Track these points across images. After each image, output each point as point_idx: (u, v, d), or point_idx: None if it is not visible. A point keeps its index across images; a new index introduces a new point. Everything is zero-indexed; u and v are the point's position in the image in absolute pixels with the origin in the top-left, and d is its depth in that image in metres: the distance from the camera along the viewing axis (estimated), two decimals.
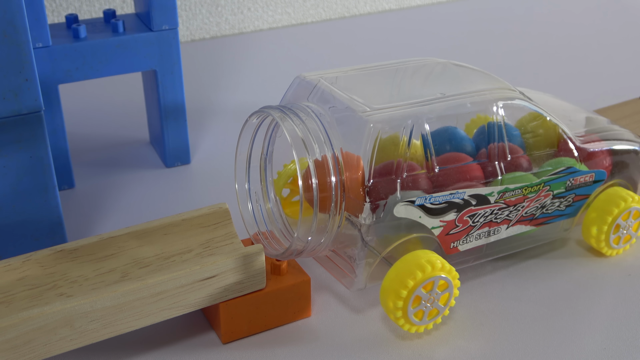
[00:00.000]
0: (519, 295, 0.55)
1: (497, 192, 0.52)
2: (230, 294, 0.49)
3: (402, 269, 0.49)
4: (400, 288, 0.48)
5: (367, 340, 0.51)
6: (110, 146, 0.76)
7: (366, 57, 0.99)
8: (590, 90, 0.89)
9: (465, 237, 0.53)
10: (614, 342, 0.51)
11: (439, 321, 0.51)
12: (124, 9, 1.02)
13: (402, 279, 0.48)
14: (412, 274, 0.48)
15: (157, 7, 0.65)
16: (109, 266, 0.50)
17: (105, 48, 0.65)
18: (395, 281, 0.48)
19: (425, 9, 1.21)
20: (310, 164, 0.49)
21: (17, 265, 0.48)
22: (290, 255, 0.50)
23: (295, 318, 0.52)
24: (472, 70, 0.58)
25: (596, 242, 0.58)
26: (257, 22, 1.10)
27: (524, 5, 1.22)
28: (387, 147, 0.49)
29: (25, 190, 0.54)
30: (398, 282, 0.48)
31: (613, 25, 1.14)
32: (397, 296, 0.48)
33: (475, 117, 0.55)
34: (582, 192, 0.57)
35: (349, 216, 0.49)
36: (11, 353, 0.43)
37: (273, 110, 0.51)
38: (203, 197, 0.67)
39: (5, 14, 0.49)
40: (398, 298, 0.48)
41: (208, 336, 0.51)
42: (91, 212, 0.65)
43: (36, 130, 0.53)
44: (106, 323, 0.46)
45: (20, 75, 0.50)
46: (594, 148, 0.57)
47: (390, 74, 0.57)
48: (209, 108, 0.85)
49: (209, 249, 0.52)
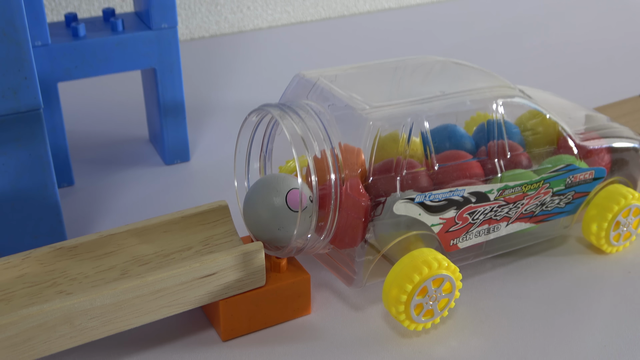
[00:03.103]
0: (518, 292, 0.55)
1: (497, 190, 0.52)
2: (230, 291, 0.49)
3: (408, 264, 0.49)
4: (406, 282, 0.48)
5: (367, 337, 0.51)
6: (109, 144, 0.76)
7: (366, 56, 0.99)
8: (589, 87, 0.89)
9: (464, 235, 0.53)
10: (614, 339, 0.51)
11: (437, 321, 0.51)
12: (123, 8, 1.02)
13: (408, 273, 0.48)
14: (418, 269, 0.48)
15: (156, 5, 0.65)
16: (109, 264, 0.50)
17: (104, 46, 0.65)
18: (400, 275, 0.48)
19: (425, 8, 1.21)
20: (309, 162, 0.49)
21: (16, 263, 0.48)
22: (290, 252, 0.50)
23: (295, 315, 0.52)
24: (472, 68, 0.58)
25: (596, 240, 0.58)
26: (256, 21, 1.10)
27: (524, 4, 1.22)
28: (387, 145, 0.49)
29: (24, 188, 0.54)
30: (403, 276, 0.48)
31: (613, 23, 1.14)
32: (408, 280, 0.48)
33: (475, 114, 0.55)
34: (581, 190, 0.57)
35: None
36: (11, 351, 0.43)
37: (272, 108, 0.51)
38: (202, 194, 0.67)
39: (5, 13, 0.48)
40: (409, 282, 0.48)
41: (208, 334, 0.51)
42: (91, 210, 0.65)
43: (35, 128, 0.53)
44: (106, 321, 0.46)
45: (19, 73, 0.50)
46: (593, 145, 0.57)
47: (389, 71, 0.57)
48: (209, 106, 0.85)
49: (208, 246, 0.52)
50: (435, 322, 0.51)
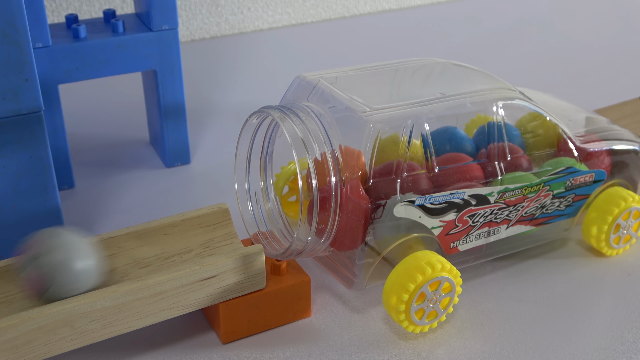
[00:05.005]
0: (518, 295, 0.55)
1: (497, 192, 0.52)
2: (230, 294, 0.49)
3: (410, 265, 0.49)
4: (409, 281, 0.48)
5: (367, 340, 0.51)
6: (110, 146, 0.76)
7: (366, 57, 0.99)
8: (590, 90, 0.89)
9: (465, 237, 0.53)
10: (614, 342, 0.51)
11: (443, 319, 0.51)
12: (124, 9, 1.02)
13: (411, 273, 0.48)
14: (421, 269, 0.48)
15: (157, 7, 0.65)
16: (109, 266, 0.50)
17: (105, 48, 0.65)
18: (403, 275, 0.48)
19: (425, 9, 1.21)
20: (310, 164, 0.49)
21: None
22: (290, 255, 0.50)
23: (295, 318, 0.52)
24: (472, 70, 0.58)
25: (596, 242, 0.58)
26: (257, 22, 1.10)
27: (524, 5, 1.22)
28: (387, 147, 0.49)
29: (25, 190, 0.54)
30: (406, 276, 0.48)
31: (613, 25, 1.14)
32: (403, 289, 0.48)
33: (475, 117, 0.55)
34: (582, 192, 0.57)
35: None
36: (11, 353, 0.43)
37: (273, 110, 0.51)
38: (203, 197, 0.67)
39: (5, 14, 0.49)
40: (404, 291, 0.48)
41: (208, 336, 0.51)
42: (91, 212, 0.65)
43: (36, 130, 0.53)
44: (106, 323, 0.46)
45: (20, 75, 0.50)
46: (593, 148, 0.57)
47: (390, 74, 0.57)
48: (209, 108, 0.85)
49: (209, 249, 0.52)
50: (442, 320, 0.51)
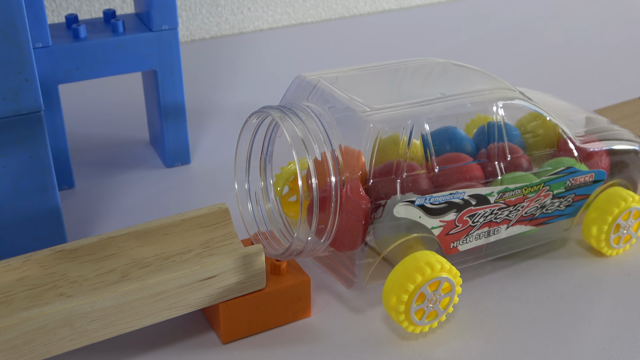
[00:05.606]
0: (518, 295, 0.55)
1: (497, 192, 0.52)
2: (230, 294, 0.49)
3: (409, 265, 0.49)
4: (408, 282, 0.48)
5: (367, 340, 0.51)
6: (110, 146, 0.76)
7: (366, 57, 0.99)
8: (590, 90, 0.89)
9: (465, 237, 0.53)
10: (614, 342, 0.51)
11: (443, 319, 0.51)
12: (124, 9, 1.02)
13: (410, 273, 0.48)
14: (420, 270, 0.48)
15: (157, 7, 0.65)
16: (109, 266, 0.50)
17: (105, 48, 0.65)
18: (402, 276, 0.48)
19: (425, 9, 1.21)
20: (310, 164, 0.49)
21: (17, 266, 0.48)
22: (290, 255, 0.50)
23: (295, 318, 0.52)
24: (472, 70, 0.58)
25: (596, 242, 0.58)
26: (257, 22, 1.10)
27: (524, 5, 1.22)
28: (387, 147, 0.49)
29: (25, 190, 0.54)
30: (405, 277, 0.48)
31: (613, 25, 1.14)
32: (403, 290, 0.48)
33: (475, 117, 0.55)
34: (582, 192, 0.57)
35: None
36: (11, 353, 0.43)
37: (273, 110, 0.51)
38: (203, 197, 0.67)
39: (5, 14, 0.48)
40: (404, 292, 0.48)
41: (208, 336, 0.51)
42: (91, 212, 0.65)
43: (36, 130, 0.53)
44: (106, 323, 0.46)
45: (20, 75, 0.50)
46: (593, 148, 0.57)
47: (390, 74, 0.57)
48: (209, 108, 0.85)
49: (208, 249, 0.52)
50: (442, 320, 0.51)
